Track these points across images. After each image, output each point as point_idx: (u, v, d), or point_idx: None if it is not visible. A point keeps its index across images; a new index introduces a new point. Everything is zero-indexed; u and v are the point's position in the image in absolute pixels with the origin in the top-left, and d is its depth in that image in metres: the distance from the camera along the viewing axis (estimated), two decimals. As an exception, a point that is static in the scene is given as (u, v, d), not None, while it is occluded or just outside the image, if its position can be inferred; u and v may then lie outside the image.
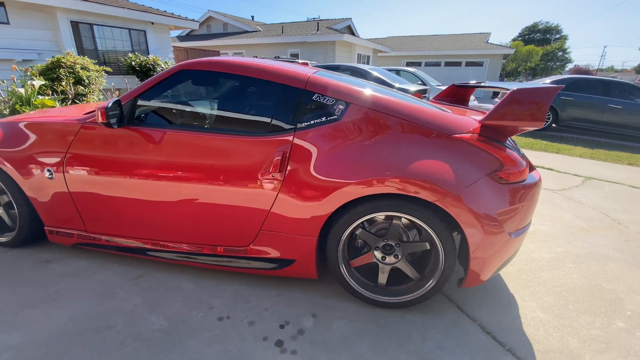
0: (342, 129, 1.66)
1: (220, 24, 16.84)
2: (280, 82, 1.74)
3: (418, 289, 1.73)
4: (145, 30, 8.99)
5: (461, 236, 1.63)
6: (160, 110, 1.91)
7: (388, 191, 1.54)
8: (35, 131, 1.96)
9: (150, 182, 1.80)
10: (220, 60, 1.83)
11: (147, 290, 1.88)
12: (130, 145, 1.81)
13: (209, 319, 1.68)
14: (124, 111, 1.81)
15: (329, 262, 1.77)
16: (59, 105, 5.50)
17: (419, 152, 1.58)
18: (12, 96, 4.86)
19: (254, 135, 1.72)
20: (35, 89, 5.15)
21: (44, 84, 5.41)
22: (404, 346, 1.57)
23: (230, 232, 1.84)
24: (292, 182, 1.66)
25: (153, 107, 1.89)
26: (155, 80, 1.84)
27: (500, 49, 17.09)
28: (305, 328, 1.65)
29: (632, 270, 2.30)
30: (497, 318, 1.78)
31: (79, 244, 2.08)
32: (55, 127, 1.93)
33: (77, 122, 1.90)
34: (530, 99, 1.59)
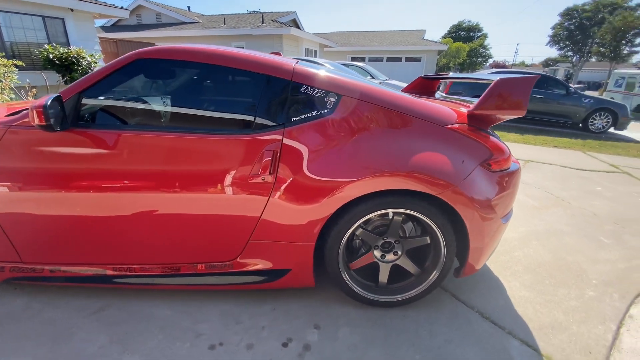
0: (335, 123, 1.54)
1: (152, 14, 15.33)
2: (263, 73, 1.54)
3: (420, 283, 1.70)
4: (63, 18, 7.75)
5: (458, 227, 1.63)
6: (113, 108, 1.59)
7: (392, 187, 1.47)
8: None
9: (108, 195, 1.48)
10: (187, 47, 1.56)
11: (114, 324, 1.56)
12: (78, 152, 1.47)
13: (199, 349, 1.45)
14: (66, 110, 1.46)
15: (329, 267, 1.64)
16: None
17: (418, 145, 1.53)
18: None
19: (237, 134, 1.51)
20: None
21: None
22: (415, 345, 1.52)
23: (213, 246, 1.61)
24: (284, 184, 1.49)
25: (103, 104, 1.56)
26: (105, 72, 1.52)
27: (435, 46, 18.34)
28: (311, 342, 1.51)
29: (585, 242, 2.56)
30: (491, 303, 1.83)
31: (16, 278, 1.66)
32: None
33: (0, 125, 1.49)
34: (514, 89, 1.62)
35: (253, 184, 1.49)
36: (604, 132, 7.73)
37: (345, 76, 1.69)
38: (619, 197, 3.64)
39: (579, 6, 28.00)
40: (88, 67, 7.24)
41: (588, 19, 27.22)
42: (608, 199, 3.55)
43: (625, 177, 4.46)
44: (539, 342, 1.57)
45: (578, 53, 29.54)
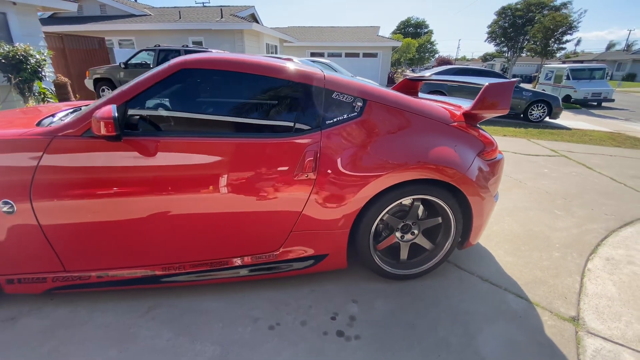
0: (363, 124, 1.78)
1: (95, 5, 14.05)
2: (301, 82, 1.73)
3: (434, 257, 2.03)
4: (5, 12, 6.91)
5: (463, 208, 1.96)
6: (159, 115, 1.66)
7: (415, 177, 1.75)
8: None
9: (162, 199, 1.58)
10: (229, 58, 1.69)
11: (172, 320, 1.67)
12: (132, 158, 1.54)
13: (260, 330, 1.63)
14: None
15: (360, 249, 1.89)
16: None
17: (432, 140, 1.83)
18: None
19: (280, 138, 1.68)
20: None
21: None
22: (438, 306, 1.84)
23: (259, 239, 1.77)
24: (324, 180, 1.70)
25: (152, 113, 1.64)
26: (150, 81, 1.59)
27: (390, 42, 19.19)
28: (354, 314, 1.76)
29: (544, 215, 3.10)
30: (485, 268, 2.22)
31: (57, 288, 1.68)
32: (7, 145, 1.48)
33: (41, 136, 1.50)
34: (500, 92, 1.99)
35: (297, 181, 1.68)
36: (541, 121, 8.86)
37: (364, 82, 1.93)
38: (562, 176, 4.34)
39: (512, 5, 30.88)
40: (37, 66, 6.59)
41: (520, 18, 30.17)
42: (554, 179, 4.22)
43: (564, 159, 5.27)
44: (527, 294, 1.98)
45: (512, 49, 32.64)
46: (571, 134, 7.50)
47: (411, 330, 1.67)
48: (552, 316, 1.82)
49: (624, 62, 38.29)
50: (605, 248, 2.57)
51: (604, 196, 3.64)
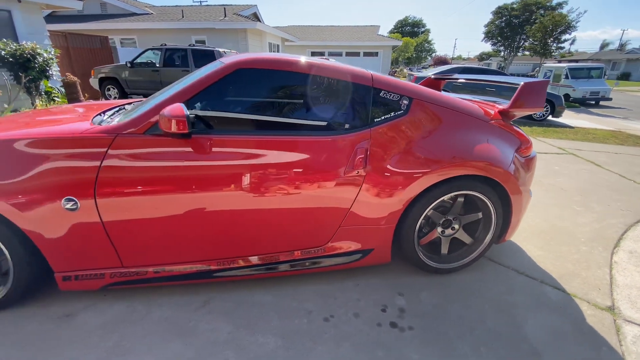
0: (409, 122, 1.83)
1: (95, 4, 13.92)
2: (350, 81, 1.77)
3: (473, 251, 2.09)
4: (9, 10, 6.85)
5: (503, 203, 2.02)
6: (218, 113, 1.70)
7: (461, 173, 1.80)
8: (38, 151, 1.48)
9: (221, 195, 1.61)
10: (284, 58, 1.73)
11: (228, 313, 1.71)
12: (191, 156, 1.57)
13: (316, 322, 1.67)
14: None
15: (404, 244, 1.94)
16: None
17: (476, 138, 1.89)
18: None
19: (332, 135, 1.72)
20: None
21: None
22: (481, 298, 1.90)
23: (309, 234, 1.82)
24: (373, 177, 1.75)
25: (209, 111, 1.67)
26: (207, 81, 1.63)
27: (391, 41, 19.31)
28: (402, 306, 1.81)
29: (565, 211, 3.18)
30: (519, 262, 2.29)
31: (114, 284, 1.71)
32: (72, 143, 1.50)
33: (105, 133, 1.53)
34: (535, 90, 2.05)
35: (348, 177, 1.73)
36: (544, 120, 8.99)
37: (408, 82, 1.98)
38: (573, 174, 4.43)
39: (508, 5, 31.18)
40: (45, 64, 6.55)
41: (516, 17, 30.46)
42: (566, 176, 4.31)
43: (573, 157, 5.37)
44: (564, 286, 2.04)
45: (508, 48, 32.96)
46: (575, 132, 7.63)
47: (460, 321, 1.72)
48: (590, 306, 1.89)
49: (619, 62, 38.83)
50: (627, 242, 2.65)
51: (616, 192, 3.74)
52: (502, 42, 33.04)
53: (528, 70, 41.61)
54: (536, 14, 28.43)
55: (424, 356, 1.50)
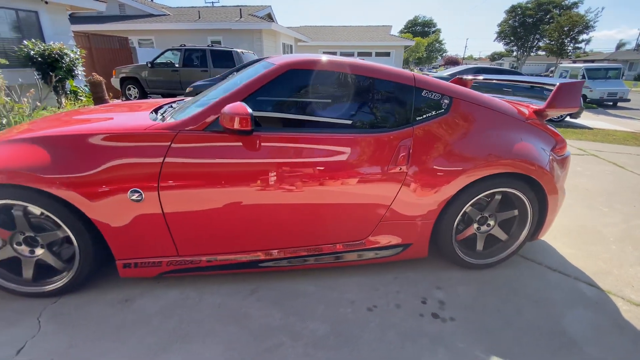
0: (450, 121, 1.89)
1: (114, 5, 14.23)
2: (394, 81, 1.85)
3: (508, 247, 2.14)
4: (37, 11, 7.11)
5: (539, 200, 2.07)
6: (271, 112, 1.79)
7: (500, 171, 1.86)
8: (104, 146, 1.59)
9: (272, 190, 1.70)
10: (332, 60, 1.81)
11: (276, 302, 1.80)
12: (246, 152, 1.67)
13: (360, 312, 1.75)
14: None
15: (443, 239, 2.01)
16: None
17: (514, 136, 1.94)
18: None
19: (377, 133, 1.80)
20: None
21: None
22: (518, 293, 1.95)
23: (351, 228, 1.90)
24: (415, 173, 1.82)
25: (264, 109, 1.76)
26: (261, 81, 1.73)
27: (402, 41, 19.29)
28: (442, 299, 1.88)
29: (591, 211, 3.20)
30: (551, 259, 2.33)
31: (169, 272, 1.81)
32: (139, 138, 1.61)
33: (168, 130, 1.64)
34: (571, 91, 2.09)
35: (390, 173, 1.80)
36: (562, 121, 8.90)
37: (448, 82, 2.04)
38: (596, 175, 4.42)
39: (522, 4, 30.75)
40: (72, 64, 6.78)
41: (530, 17, 30.03)
42: (589, 177, 4.30)
43: (594, 158, 5.34)
44: (598, 283, 2.08)
45: (522, 48, 32.51)
46: (594, 133, 7.55)
47: (499, 314, 1.78)
48: (626, 302, 1.92)
49: (636, 62, 37.97)
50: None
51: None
52: (515, 41, 32.61)
53: (541, 70, 41.00)
54: (552, 13, 27.96)
55: (469, 345, 1.57)
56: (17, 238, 1.69)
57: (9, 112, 4.83)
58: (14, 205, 1.60)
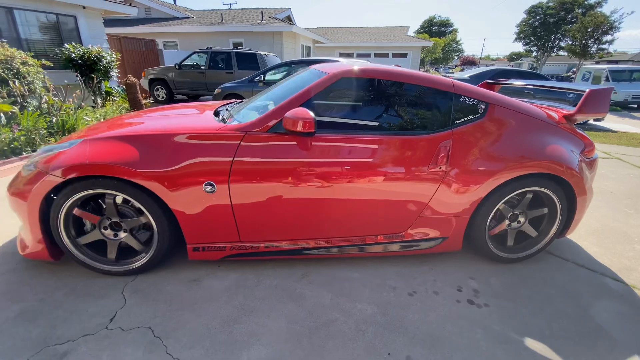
0: (486, 125, 2.06)
1: (141, 9, 14.82)
2: (434, 87, 2.03)
3: (537, 243, 2.29)
4: (75, 15, 7.57)
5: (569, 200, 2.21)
6: (325, 116, 2.00)
7: (533, 172, 2.02)
8: (184, 144, 1.84)
9: (324, 185, 1.91)
10: (380, 68, 2.02)
11: (325, 285, 2.01)
12: (305, 151, 1.88)
13: (402, 297, 1.94)
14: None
15: (475, 234, 2.18)
16: (17, 110, 4.52)
17: (546, 139, 2.10)
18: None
19: (419, 134, 1.99)
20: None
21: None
22: (547, 285, 2.11)
23: (393, 221, 2.09)
24: (453, 172, 2.00)
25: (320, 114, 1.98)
26: (318, 87, 1.94)
27: (420, 42, 19.29)
28: (476, 288, 2.05)
29: (616, 212, 3.28)
30: (577, 256, 2.46)
31: (231, 256, 2.05)
32: (213, 138, 1.85)
33: (238, 131, 1.87)
34: (600, 97, 2.23)
35: (431, 172, 1.99)
36: (585, 124, 8.81)
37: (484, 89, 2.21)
38: (621, 178, 4.46)
39: (543, 4, 30.11)
40: (108, 66, 7.19)
41: (551, 16, 29.38)
42: (614, 180, 4.35)
43: (618, 162, 5.35)
44: (623, 278, 2.21)
45: (542, 48, 31.83)
46: (618, 136, 7.48)
47: (530, 302, 1.94)
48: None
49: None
50: (683, 243, 2.74)
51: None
52: (536, 42, 31.98)
53: (562, 71, 40.00)
54: (575, 12, 27.30)
55: (504, 327, 1.74)
56: (104, 223, 1.96)
57: (57, 112, 5.23)
58: (106, 194, 1.86)
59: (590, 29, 23.34)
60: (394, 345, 1.60)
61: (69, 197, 1.82)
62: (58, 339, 1.59)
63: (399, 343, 1.62)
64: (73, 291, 1.91)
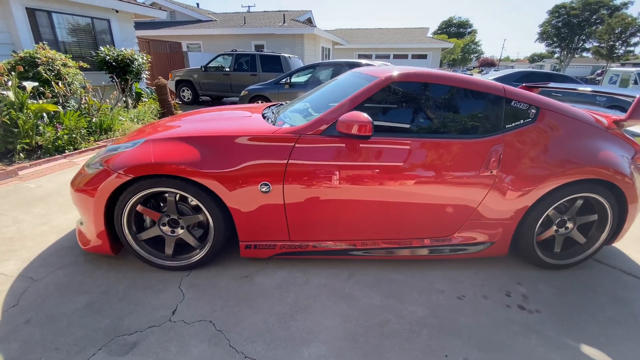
0: (537, 129, 2.05)
1: (166, 11, 15.26)
2: (486, 92, 2.04)
3: (585, 250, 2.26)
4: (109, 19, 7.88)
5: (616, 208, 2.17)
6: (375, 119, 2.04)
7: (586, 177, 2.00)
8: (244, 146, 1.91)
9: (375, 188, 1.95)
10: (426, 72, 2.05)
11: (372, 286, 2.05)
12: (358, 154, 1.93)
13: (451, 300, 1.96)
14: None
15: (523, 240, 2.17)
16: (61, 110, 4.74)
17: (598, 145, 2.07)
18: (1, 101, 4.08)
19: (471, 138, 2.00)
20: (28, 92, 4.37)
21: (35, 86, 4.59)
22: (596, 291, 2.08)
23: (441, 225, 2.11)
24: (504, 177, 2.00)
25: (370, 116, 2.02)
26: (367, 93, 1.98)
27: (440, 43, 19.10)
28: (525, 293, 2.04)
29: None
30: (624, 264, 2.41)
31: (280, 254, 2.11)
32: (270, 140, 1.92)
33: (292, 134, 1.93)
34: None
35: (482, 176, 1.99)
36: (615, 127, 8.53)
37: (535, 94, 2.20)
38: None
39: (567, 4, 29.29)
40: (140, 69, 7.43)
41: (575, 17, 28.54)
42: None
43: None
44: (676, 288, 2.16)
45: (565, 49, 30.94)
46: None
47: (580, 309, 1.92)
48: None
49: (695, 65, 34.90)
50: None
51: None
52: (559, 42, 31.09)
53: (586, 73, 38.73)
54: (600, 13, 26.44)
55: (558, 334, 1.73)
56: (162, 220, 2.05)
57: (96, 112, 5.45)
58: (167, 192, 1.95)
59: (618, 30, 22.55)
60: (450, 348, 1.62)
61: (134, 195, 1.92)
62: (127, 329, 1.68)
63: (454, 345, 1.63)
64: (133, 284, 2.01)
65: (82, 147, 4.88)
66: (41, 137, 4.49)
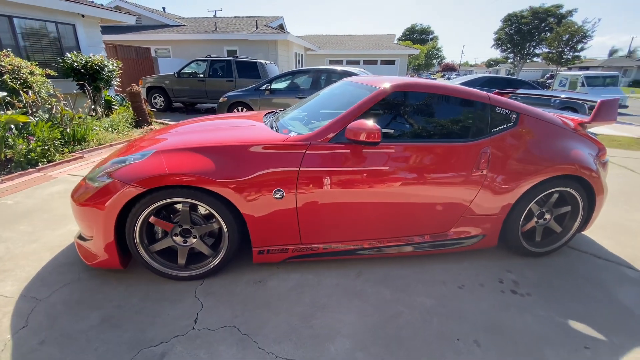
0: (518, 133, 2.31)
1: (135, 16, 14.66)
2: (474, 100, 2.26)
3: (561, 238, 2.55)
4: (74, 24, 7.48)
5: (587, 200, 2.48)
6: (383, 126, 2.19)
7: (561, 174, 2.27)
8: (258, 154, 1.98)
9: (380, 189, 2.10)
10: (426, 83, 2.23)
11: (381, 282, 2.19)
12: (363, 159, 2.06)
13: (453, 289, 2.14)
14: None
15: (509, 231, 2.41)
16: (33, 121, 4.47)
17: (569, 145, 2.37)
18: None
19: (464, 141, 2.21)
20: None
21: (3, 95, 4.31)
22: (574, 275, 2.36)
23: (439, 222, 2.29)
24: (492, 176, 2.23)
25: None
26: (371, 102, 2.13)
27: (407, 50, 19.96)
28: (515, 279, 2.27)
29: (616, 209, 3.63)
30: (593, 248, 2.74)
31: (292, 257, 2.19)
32: (281, 148, 2.01)
33: (302, 141, 2.03)
34: (611, 106, 2.53)
35: (474, 176, 2.21)
36: (568, 126, 9.41)
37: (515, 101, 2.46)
38: (611, 178, 4.85)
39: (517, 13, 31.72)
40: (110, 75, 7.14)
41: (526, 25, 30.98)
42: (606, 179, 4.75)
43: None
44: (636, 266, 2.50)
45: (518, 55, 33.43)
46: (600, 139, 8.05)
47: (564, 290, 2.18)
48: (663, 282, 2.33)
49: (630, 69, 39.15)
50: (678, 235, 3.08)
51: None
52: (512, 48, 33.61)
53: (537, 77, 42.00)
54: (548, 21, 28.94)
55: (548, 312, 1.96)
56: (175, 230, 2.06)
57: (69, 122, 5.19)
58: (179, 202, 1.97)
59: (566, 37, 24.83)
60: (460, 332, 1.79)
61: (148, 206, 1.92)
62: (151, 340, 1.68)
63: (464, 330, 1.81)
64: (147, 297, 1.99)
65: (57, 159, 4.62)
66: (11, 150, 4.21)
